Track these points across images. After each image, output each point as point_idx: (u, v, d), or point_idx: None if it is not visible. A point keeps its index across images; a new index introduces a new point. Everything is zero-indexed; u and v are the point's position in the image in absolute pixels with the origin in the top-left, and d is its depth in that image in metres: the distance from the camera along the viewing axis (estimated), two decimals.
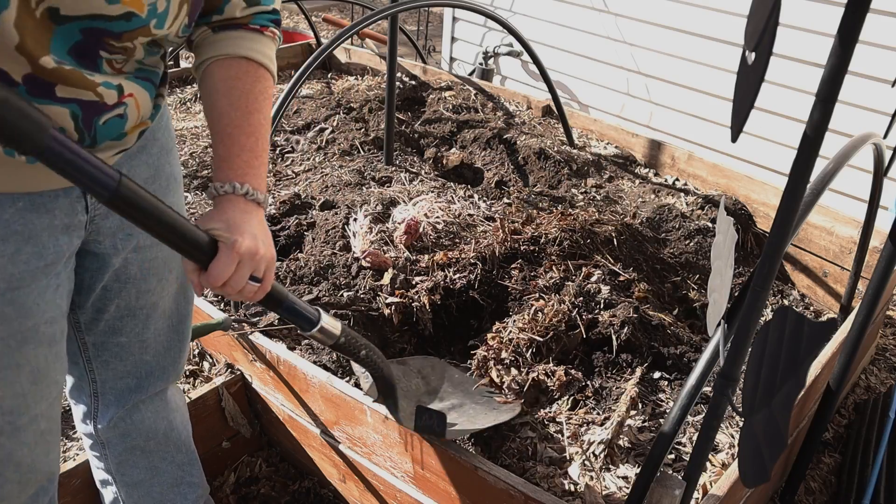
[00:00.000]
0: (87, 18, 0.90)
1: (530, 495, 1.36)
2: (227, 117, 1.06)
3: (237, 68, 1.09)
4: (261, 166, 1.09)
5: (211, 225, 1.01)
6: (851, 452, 2.01)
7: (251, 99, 1.08)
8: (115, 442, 1.43)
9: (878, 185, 1.84)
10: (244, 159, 1.06)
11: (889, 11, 2.96)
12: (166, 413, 1.47)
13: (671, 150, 3.09)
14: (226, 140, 1.06)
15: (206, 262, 0.99)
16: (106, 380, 1.35)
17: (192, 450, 1.57)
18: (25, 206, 0.99)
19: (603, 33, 4.06)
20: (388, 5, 2.43)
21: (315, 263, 2.16)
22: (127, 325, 1.28)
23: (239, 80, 1.08)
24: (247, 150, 1.07)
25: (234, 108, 1.07)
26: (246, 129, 1.07)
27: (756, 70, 0.76)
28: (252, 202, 1.06)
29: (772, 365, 0.94)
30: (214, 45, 1.10)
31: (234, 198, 1.05)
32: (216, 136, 1.08)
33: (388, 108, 2.78)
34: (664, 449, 1.19)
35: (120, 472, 1.47)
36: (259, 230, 1.05)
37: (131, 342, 1.31)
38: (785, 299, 2.52)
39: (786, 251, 1.09)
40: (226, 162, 1.06)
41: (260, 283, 1.05)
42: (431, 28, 6.71)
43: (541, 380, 1.76)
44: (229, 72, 1.09)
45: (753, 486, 1.02)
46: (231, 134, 1.06)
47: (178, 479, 1.53)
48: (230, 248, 0.99)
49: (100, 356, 1.31)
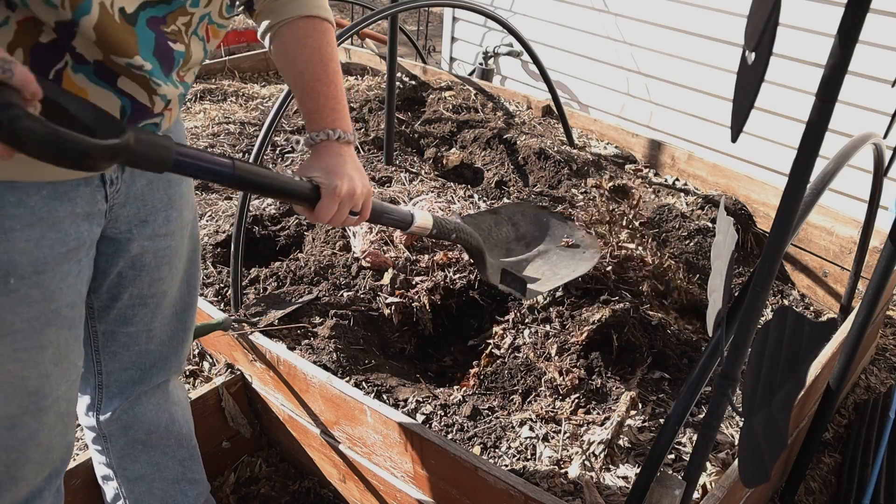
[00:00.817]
0: (140, 10, 0.96)
1: (530, 495, 1.37)
2: (307, 73, 1.19)
3: (305, 27, 1.19)
4: (343, 109, 1.21)
5: (312, 173, 1.14)
6: (851, 452, 2.01)
7: (323, 52, 1.20)
8: (116, 435, 1.45)
9: (878, 185, 1.84)
10: (330, 106, 1.19)
11: (889, 11, 2.96)
12: (168, 406, 1.48)
13: (671, 150, 3.09)
14: (311, 93, 1.19)
15: (314, 205, 1.13)
16: (111, 371, 1.37)
17: (194, 446, 1.58)
18: (49, 193, 1.02)
19: (603, 33, 4.06)
20: (388, 5, 2.43)
21: (315, 263, 2.16)
22: (138, 314, 1.31)
23: (310, 38, 1.19)
24: (330, 97, 1.19)
25: (312, 63, 1.19)
26: (324, 79, 1.19)
27: (756, 70, 0.76)
28: (344, 143, 1.19)
29: (772, 365, 0.94)
30: (280, 10, 1.19)
31: (329, 143, 1.18)
32: (300, 91, 1.20)
33: (388, 108, 2.78)
34: (664, 449, 1.19)
35: (121, 466, 1.48)
36: (353, 169, 1.17)
37: (139, 332, 1.34)
38: (785, 299, 2.52)
39: (786, 251, 1.08)
40: (315, 113, 1.19)
41: (359, 214, 1.20)
42: (431, 28, 6.71)
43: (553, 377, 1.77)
44: (299, 32, 1.19)
45: (753, 486, 1.02)
46: (315, 87, 1.19)
47: (180, 476, 1.53)
48: (332, 193, 1.12)
49: (108, 346, 1.34)
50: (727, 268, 1.00)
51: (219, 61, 4.05)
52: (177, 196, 1.27)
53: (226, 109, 3.56)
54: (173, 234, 1.27)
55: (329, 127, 1.18)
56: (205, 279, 2.21)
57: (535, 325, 1.98)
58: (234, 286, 1.97)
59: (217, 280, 2.20)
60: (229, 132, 3.24)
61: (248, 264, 2.24)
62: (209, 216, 2.58)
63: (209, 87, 3.80)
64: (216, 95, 3.72)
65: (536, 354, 1.87)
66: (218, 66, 4.04)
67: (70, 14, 0.89)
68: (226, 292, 2.13)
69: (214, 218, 2.56)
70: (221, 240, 2.39)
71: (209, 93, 3.73)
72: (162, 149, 0.91)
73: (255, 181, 1.05)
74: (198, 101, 3.63)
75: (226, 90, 3.78)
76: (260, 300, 2.04)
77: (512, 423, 1.71)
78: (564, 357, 1.86)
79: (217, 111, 3.52)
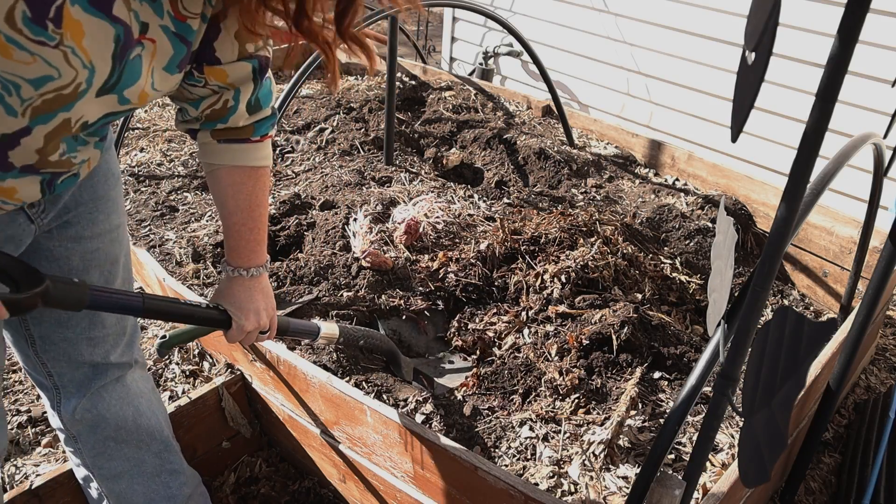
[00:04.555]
0: (102, 119, 1.03)
1: (530, 495, 1.36)
2: (235, 216, 1.27)
3: (241, 175, 1.25)
4: (261, 245, 1.32)
5: (222, 303, 1.30)
6: (851, 452, 2.01)
7: (254, 198, 1.27)
8: (85, 434, 1.44)
9: (878, 185, 1.84)
10: (250, 248, 1.30)
11: (889, 11, 2.96)
12: (130, 398, 1.47)
13: (671, 150, 3.09)
14: (235, 235, 1.29)
15: (225, 327, 1.30)
16: (62, 372, 1.38)
17: (167, 437, 1.55)
18: None
19: (603, 33, 4.06)
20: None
21: (315, 263, 2.16)
22: (73, 318, 1.31)
23: (244, 185, 1.26)
24: (251, 240, 1.30)
25: (241, 209, 1.27)
26: (250, 224, 1.28)
27: (756, 70, 0.76)
28: (255, 278, 1.32)
29: (772, 365, 0.94)
30: (220, 154, 1.24)
31: (241, 279, 1.31)
32: (227, 228, 1.29)
33: (388, 108, 2.78)
34: (664, 449, 1.19)
35: (97, 465, 1.47)
36: (261, 299, 1.33)
37: (78, 338, 1.34)
38: (785, 299, 2.52)
39: (786, 251, 1.08)
40: (235, 251, 1.30)
41: (267, 333, 1.37)
42: (431, 28, 6.71)
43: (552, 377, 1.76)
44: (234, 178, 1.25)
45: (753, 486, 1.02)
46: (239, 230, 1.28)
47: (158, 468, 1.52)
48: (240, 329, 1.30)
49: (48, 350, 1.34)
50: (727, 268, 1.00)
51: None
52: (102, 200, 1.27)
53: None
54: (101, 237, 1.28)
55: (244, 266, 1.30)
56: (205, 279, 2.21)
57: (535, 326, 1.98)
58: None
59: (217, 280, 2.20)
60: None
61: None
62: (209, 216, 2.58)
63: None
64: None
65: (536, 354, 1.87)
66: None
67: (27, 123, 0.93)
68: None
69: (214, 218, 2.56)
70: (221, 240, 2.39)
71: None
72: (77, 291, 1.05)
73: (163, 311, 1.21)
74: None
75: None
76: None
77: (512, 423, 1.71)
78: (564, 357, 1.86)
79: None
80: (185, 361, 2.08)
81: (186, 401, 1.81)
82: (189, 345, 2.10)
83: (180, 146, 3.08)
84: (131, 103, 1.03)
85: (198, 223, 2.54)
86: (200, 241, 2.38)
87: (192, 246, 2.34)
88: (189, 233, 2.46)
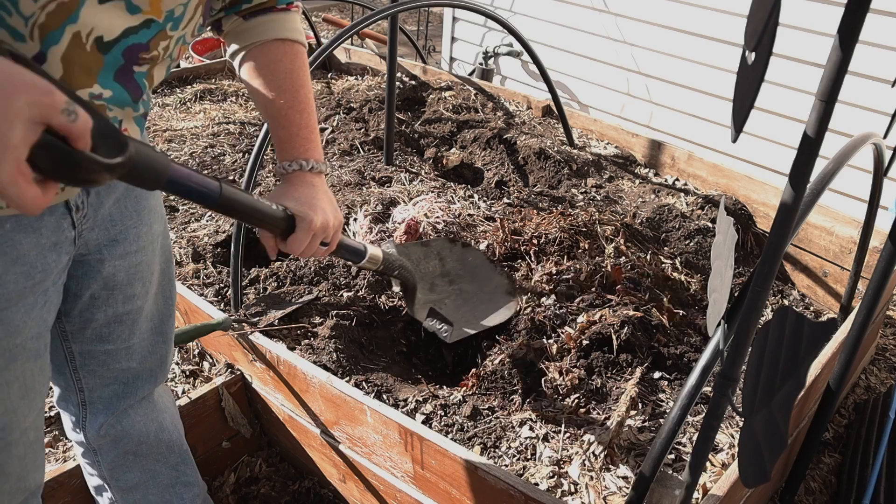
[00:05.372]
0: (122, 37, 0.93)
1: (530, 495, 1.36)
2: (279, 99, 1.14)
3: (276, 51, 1.14)
4: (316, 137, 1.18)
5: (285, 202, 1.12)
6: (851, 452, 2.01)
7: (296, 77, 1.15)
8: (106, 448, 1.42)
9: (878, 185, 1.84)
10: (303, 136, 1.16)
11: (889, 11, 2.96)
12: (155, 415, 1.46)
13: (671, 150, 3.09)
14: (283, 121, 1.15)
15: (286, 234, 1.12)
16: (93, 388, 1.33)
17: (185, 449, 1.56)
18: (12, 227, 0.97)
19: (603, 33, 4.06)
20: (388, 5, 2.43)
21: (315, 263, 2.16)
22: (114, 332, 1.27)
23: (282, 62, 1.14)
24: (303, 126, 1.16)
25: (284, 89, 1.14)
26: (297, 106, 1.15)
27: (756, 70, 0.76)
28: (316, 174, 1.17)
29: (772, 365, 0.94)
30: (250, 32, 1.14)
31: (301, 174, 1.16)
32: (272, 118, 1.15)
33: (388, 108, 2.78)
34: (664, 449, 1.19)
35: (114, 477, 1.46)
36: (326, 201, 1.16)
37: (118, 349, 1.30)
38: (785, 299, 2.52)
39: (786, 251, 1.08)
40: (287, 142, 1.15)
41: (328, 246, 1.20)
42: (431, 28, 6.71)
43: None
44: (269, 56, 1.14)
45: (753, 486, 1.02)
46: (287, 115, 1.14)
47: (174, 480, 1.52)
48: (307, 227, 1.12)
49: (87, 365, 1.30)
50: (727, 268, 1.00)
51: (219, 61, 4.05)
52: (146, 210, 1.22)
53: (226, 109, 3.56)
54: (144, 250, 1.23)
55: (302, 157, 1.16)
56: (205, 279, 2.21)
57: (534, 325, 1.98)
58: (233, 286, 1.97)
59: (217, 280, 2.20)
60: (229, 132, 3.25)
61: (248, 264, 2.24)
62: (209, 216, 2.58)
63: (209, 87, 3.80)
64: (216, 95, 3.72)
65: (536, 354, 1.87)
66: (218, 66, 4.03)
67: (39, 46, 0.85)
68: (226, 292, 2.13)
69: (214, 218, 2.56)
70: (221, 240, 2.39)
71: (209, 93, 3.73)
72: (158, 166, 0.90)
73: (237, 207, 1.04)
74: (198, 101, 3.63)
75: (226, 90, 3.78)
76: (260, 300, 2.04)
77: (512, 423, 1.71)
78: (564, 357, 1.86)
79: (217, 111, 3.52)
80: (185, 361, 2.08)
81: (186, 401, 1.81)
82: (189, 345, 2.10)
83: (180, 146, 3.08)
84: (143, 11, 0.93)
85: (198, 223, 2.54)
86: (200, 241, 2.38)
87: (192, 246, 2.34)
88: (189, 233, 2.46)
